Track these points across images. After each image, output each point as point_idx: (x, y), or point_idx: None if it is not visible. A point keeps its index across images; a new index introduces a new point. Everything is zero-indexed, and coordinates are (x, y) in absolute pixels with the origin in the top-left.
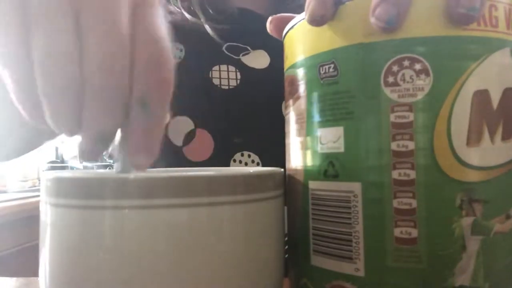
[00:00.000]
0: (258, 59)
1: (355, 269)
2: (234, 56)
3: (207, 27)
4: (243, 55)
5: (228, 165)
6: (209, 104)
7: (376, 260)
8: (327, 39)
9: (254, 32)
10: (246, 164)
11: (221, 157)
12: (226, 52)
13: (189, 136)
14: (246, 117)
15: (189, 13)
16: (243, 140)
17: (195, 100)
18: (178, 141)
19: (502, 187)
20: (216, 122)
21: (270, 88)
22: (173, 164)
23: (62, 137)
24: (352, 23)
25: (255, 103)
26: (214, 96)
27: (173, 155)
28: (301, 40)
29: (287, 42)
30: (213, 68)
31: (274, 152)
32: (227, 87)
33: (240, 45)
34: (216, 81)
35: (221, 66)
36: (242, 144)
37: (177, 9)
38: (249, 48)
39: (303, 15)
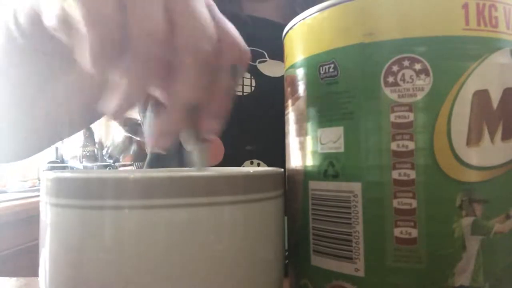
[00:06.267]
0: (274, 68)
1: (355, 269)
2: (251, 63)
3: None
4: (259, 62)
5: None
6: None
7: (376, 260)
8: (327, 39)
9: (270, 39)
10: None
11: (230, 164)
12: None
13: None
14: (258, 125)
15: None
16: (253, 148)
17: None
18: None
19: (502, 187)
20: (227, 128)
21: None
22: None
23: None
24: (352, 23)
25: (268, 112)
26: None
27: (185, 159)
28: (301, 40)
29: (287, 42)
30: None
31: (284, 163)
32: (241, 93)
33: (258, 49)
34: None
35: None
36: (253, 152)
37: None
38: (266, 54)
39: (303, 15)
